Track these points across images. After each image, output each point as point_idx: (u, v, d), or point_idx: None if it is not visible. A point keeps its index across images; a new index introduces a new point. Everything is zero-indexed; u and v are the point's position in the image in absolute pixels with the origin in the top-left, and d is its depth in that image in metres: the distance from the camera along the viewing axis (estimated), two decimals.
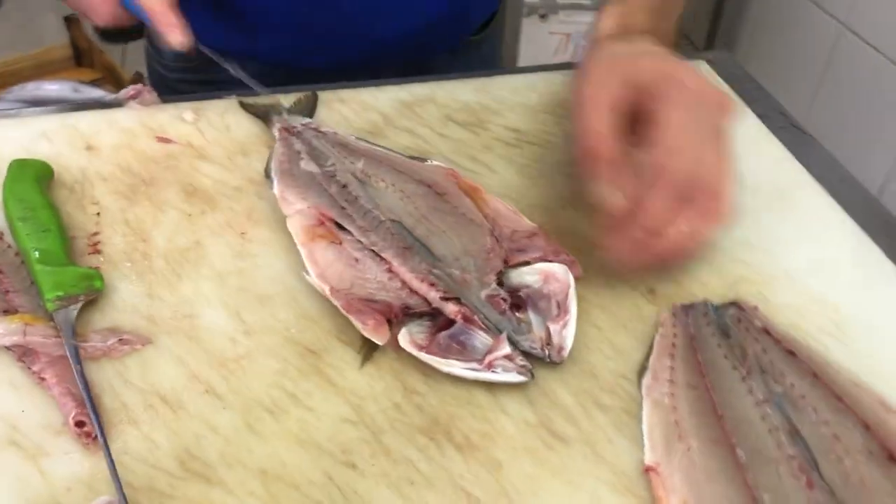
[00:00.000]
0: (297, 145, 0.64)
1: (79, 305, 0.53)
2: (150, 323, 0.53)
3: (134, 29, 2.21)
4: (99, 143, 0.67)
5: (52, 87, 2.01)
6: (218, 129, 0.69)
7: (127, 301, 0.54)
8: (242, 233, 0.59)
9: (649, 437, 0.47)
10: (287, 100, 0.70)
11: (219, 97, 0.73)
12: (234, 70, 0.70)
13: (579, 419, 0.48)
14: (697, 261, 0.59)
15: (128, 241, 0.58)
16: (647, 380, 0.50)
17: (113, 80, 2.12)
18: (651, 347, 0.52)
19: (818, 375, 0.49)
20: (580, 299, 0.55)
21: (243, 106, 0.70)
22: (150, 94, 0.74)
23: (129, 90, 0.75)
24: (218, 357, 0.51)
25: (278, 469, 0.45)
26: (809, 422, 0.47)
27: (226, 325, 0.53)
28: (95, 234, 0.59)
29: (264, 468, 0.45)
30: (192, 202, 0.62)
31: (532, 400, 0.49)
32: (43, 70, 2.11)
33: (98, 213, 0.60)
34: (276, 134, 0.65)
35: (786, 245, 0.61)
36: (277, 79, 0.72)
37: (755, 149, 0.70)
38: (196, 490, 0.44)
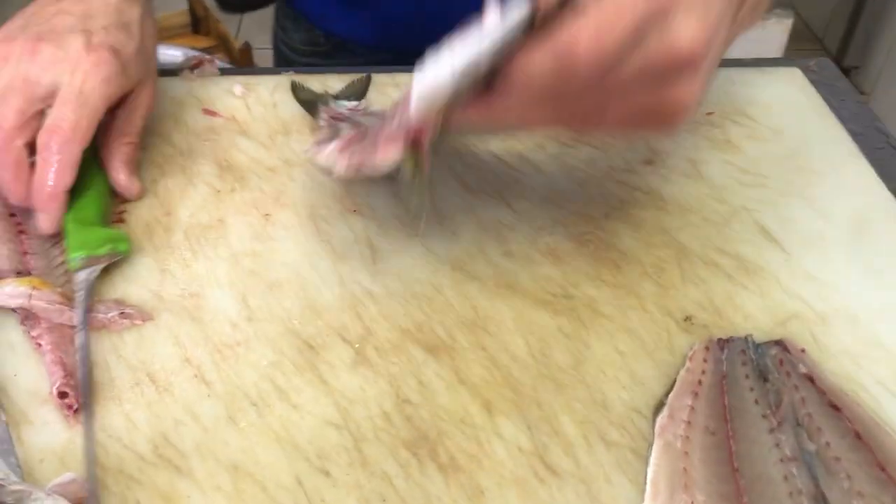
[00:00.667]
0: (344, 130, 0.62)
1: (100, 268, 0.52)
2: (156, 298, 0.52)
3: (250, 1, 2.22)
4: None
5: (168, 52, 2.08)
6: (265, 105, 0.67)
7: (139, 273, 0.53)
8: (266, 214, 0.58)
9: (653, 482, 0.42)
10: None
11: (276, 73, 0.71)
12: None
13: (579, 453, 0.44)
14: (747, 289, 0.53)
15: (152, 213, 0.58)
16: (662, 418, 0.45)
17: (225, 49, 2.17)
18: (674, 382, 0.47)
19: (861, 436, 0.43)
20: (606, 318, 0.50)
21: (294, 90, 0.68)
22: (210, 66, 0.73)
23: (193, 58, 0.75)
24: (215, 341, 0.49)
25: (250, 466, 0.43)
26: (840, 489, 0.41)
27: (230, 309, 0.51)
28: (123, 201, 0.58)
29: (236, 463, 0.43)
30: (224, 178, 0.61)
31: (532, 424, 0.45)
32: (161, 35, 2.17)
33: None
34: (322, 124, 0.63)
35: (854, 282, 0.54)
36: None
37: (839, 169, 0.63)
38: (164, 478, 0.43)
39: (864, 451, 0.43)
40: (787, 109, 0.69)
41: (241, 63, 2.03)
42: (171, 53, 2.08)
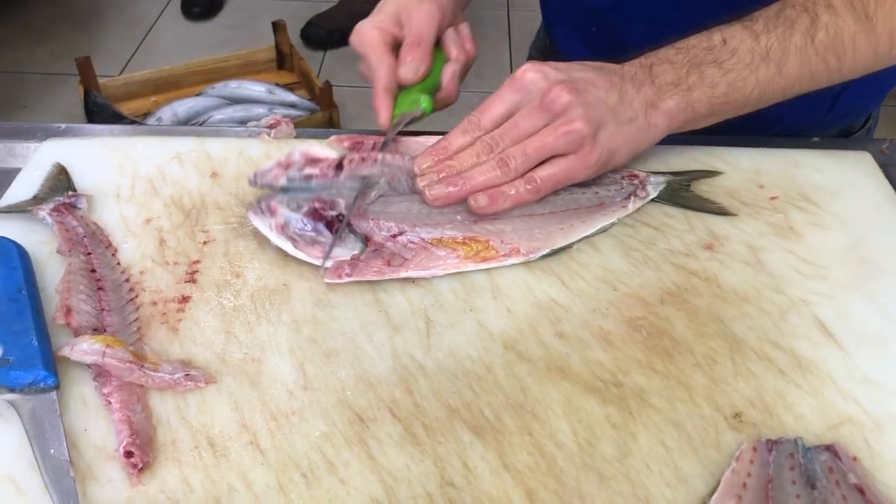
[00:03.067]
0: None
1: (409, 118, 0.68)
2: (220, 361, 0.54)
3: (334, 39, 2.30)
4: (223, 171, 0.70)
5: (252, 87, 2.16)
6: None
7: (206, 335, 0.56)
8: (328, 282, 0.60)
9: None
10: None
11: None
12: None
13: None
14: (800, 387, 0.53)
15: (223, 275, 0.61)
16: None
17: (307, 85, 2.24)
18: (719, 482, 0.47)
19: None
20: (655, 409, 0.51)
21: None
22: (287, 127, 0.77)
23: (270, 119, 0.79)
24: (272, 408, 0.51)
25: None
26: None
27: (288, 376, 0.53)
28: (196, 262, 0.62)
29: None
30: None
31: None
32: (247, 69, 2.27)
33: (204, 242, 0.63)
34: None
35: None
36: None
37: None
38: None
39: None
40: (853, 196, 0.68)
41: (322, 100, 2.09)
42: (255, 89, 2.16)
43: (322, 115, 2.07)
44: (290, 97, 2.13)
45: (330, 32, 2.48)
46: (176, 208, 0.66)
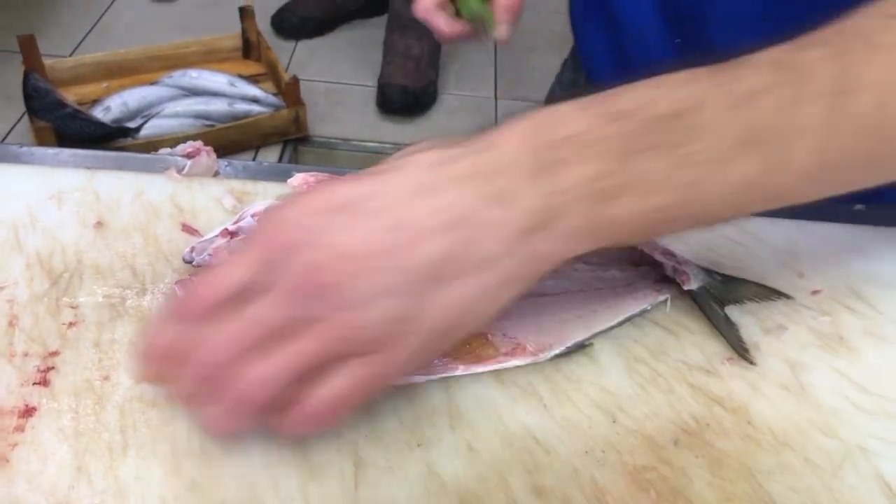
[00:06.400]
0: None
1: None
2: None
3: (307, 28, 2.07)
4: (112, 220, 0.54)
5: (212, 78, 1.98)
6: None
7: (46, 472, 0.40)
8: None
9: None
10: None
11: (284, 181, 0.58)
12: None
13: None
14: None
15: (87, 374, 0.45)
16: None
17: (273, 77, 2.07)
18: None
19: None
20: None
21: None
22: (208, 159, 0.61)
23: (187, 146, 0.63)
24: None
25: None
26: None
27: None
28: (54, 353, 0.46)
29: None
30: None
31: None
32: (210, 57, 2.09)
33: (71, 324, 0.47)
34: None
35: None
36: None
37: None
38: None
39: None
40: None
41: (288, 95, 1.92)
42: (216, 80, 1.99)
43: (287, 112, 1.90)
44: (254, 91, 1.96)
45: (304, 20, 2.30)
46: (42, 271, 0.50)
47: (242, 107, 1.88)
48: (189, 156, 0.61)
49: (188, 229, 0.54)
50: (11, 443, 0.41)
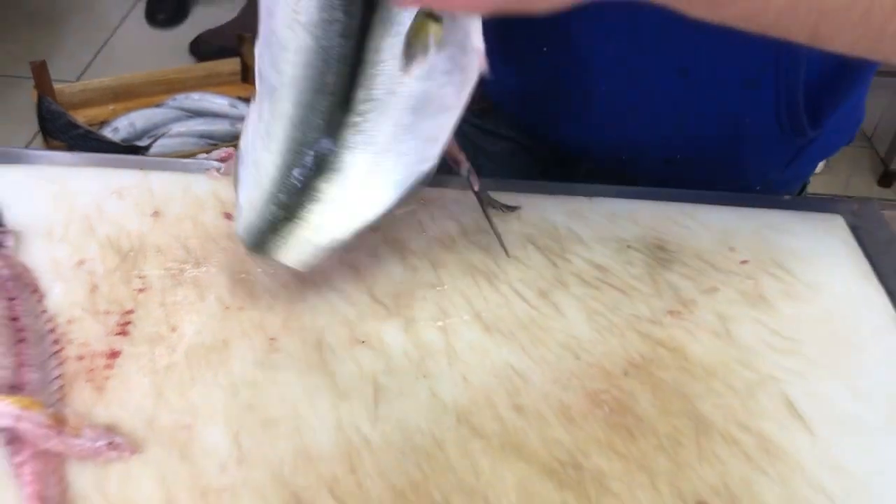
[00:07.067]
0: None
1: None
2: (148, 427, 0.50)
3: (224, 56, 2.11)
4: (166, 210, 0.65)
5: (214, 101, 2.10)
6: None
7: (134, 397, 0.52)
8: (272, 339, 0.56)
9: None
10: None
11: None
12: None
13: None
14: (766, 475, 0.50)
15: (157, 327, 0.56)
16: None
17: None
18: None
19: None
20: (614, 496, 0.47)
21: None
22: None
23: (221, 152, 0.74)
24: (202, 484, 0.47)
25: None
26: None
27: (221, 447, 0.49)
28: (129, 311, 0.57)
29: None
30: (235, 293, 0.59)
31: None
32: (210, 81, 2.21)
33: (140, 290, 0.59)
34: None
35: (889, 479, 0.50)
36: None
37: (878, 341, 0.60)
38: None
39: None
40: (825, 263, 0.66)
41: None
42: (218, 102, 2.11)
43: None
44: None
45: (221, 49, 2.32)
46: (112, 250, 0.62)
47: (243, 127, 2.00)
48: (222, 160, 0.73)
49: (230, 217, 0.65)
50: (104, 377, 0.53)
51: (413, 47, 0.46)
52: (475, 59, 0.48)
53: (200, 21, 2.60)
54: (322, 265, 0.58)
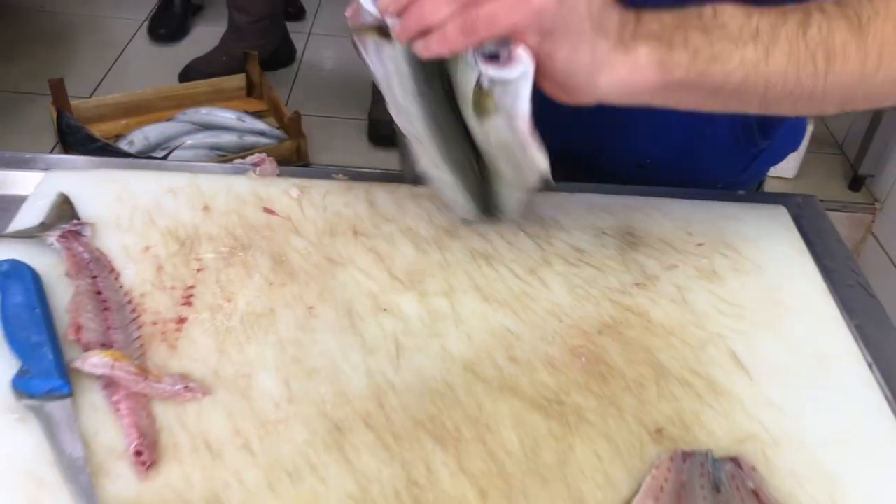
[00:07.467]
0: None
1: None
2: (214, 376, 0.62)
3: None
4: (214, 205, 0.77)
5: (222, 115, 2.23)
6: (316, 207, 0.78)
7: (201, 352, 0.64)
8: (310, 307, 0.68)
9: None
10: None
11: (328, 177, 0.83)
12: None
13: None
14: (713, 409, 0.62)
15: (215, 299, 0.68)
16: None
17: (276, 113, 2.31)
18: (640, 487, 0.56)
19: None
20: (590, 424, 0.60)
21: None
22: (270, 165, 0.85)
23: (255, 157, 0.87)
24: (261, 417, 0.59)
25: None
26: None
27: (274, 390, 0.61)
28: (191, 287, 0.69)
29: None
30: (277, 272, 0.71)
31: None
32: (216, 96, 2.34)
33: (198, 270, 0.71)
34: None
35: (808, 412, 0.63)
36: None
37: (810, 306, 0.72)
38: None
39: None
40: (769, 245, 0.78)
41: (290, 128, 2.16)
42: (225, 116, 2.23)
43: (290, 143, 2.14)
44: (260, 125, 2.20)
45: (209, 76, 2.42)
46: (171, 238, 0.74)
47: (251, 139, 2.12)
48: (256, 164, 0.85)
49: (268, 211, 0.78)
50: (175, 337, 0.65)
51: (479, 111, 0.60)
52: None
53: (201, 38, 2.71)
54: (348, 251, 0.71)
